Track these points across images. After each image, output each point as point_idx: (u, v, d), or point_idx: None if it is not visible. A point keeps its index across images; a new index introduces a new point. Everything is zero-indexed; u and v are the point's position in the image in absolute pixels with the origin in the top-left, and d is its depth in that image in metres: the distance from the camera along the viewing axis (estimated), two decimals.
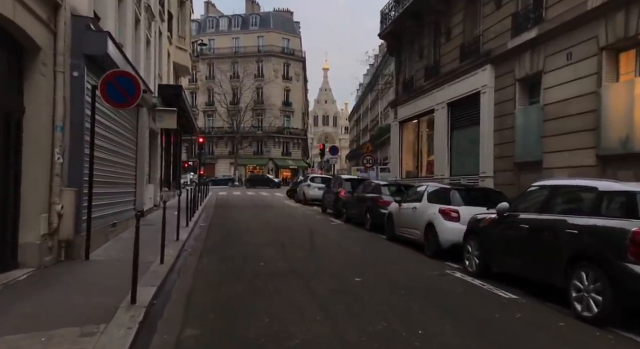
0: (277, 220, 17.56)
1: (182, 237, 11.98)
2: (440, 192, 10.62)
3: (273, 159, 68.53)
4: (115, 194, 11.74)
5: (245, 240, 12.31)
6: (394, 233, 12.30)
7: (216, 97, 67.29)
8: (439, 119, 18.41)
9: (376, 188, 15.07)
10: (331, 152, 32.30)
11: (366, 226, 14.72)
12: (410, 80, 21.90)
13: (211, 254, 10.24)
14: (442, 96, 18.09)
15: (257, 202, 27.73)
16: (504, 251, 7.40)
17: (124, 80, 8.70)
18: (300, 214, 20.66)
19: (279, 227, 15.07)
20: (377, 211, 14.15)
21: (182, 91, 20.44)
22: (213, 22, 74.08)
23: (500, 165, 14.35)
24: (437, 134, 18.62)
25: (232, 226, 15.64)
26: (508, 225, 7.34)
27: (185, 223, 14.51)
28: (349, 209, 16.70)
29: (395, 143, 23.34)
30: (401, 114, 22.63)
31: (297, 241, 12.00)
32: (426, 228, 10.21)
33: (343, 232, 14.40)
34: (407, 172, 22.50)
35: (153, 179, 18.98)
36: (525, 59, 13.08)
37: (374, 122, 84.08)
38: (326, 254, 10.14)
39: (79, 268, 8.00)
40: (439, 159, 18.43)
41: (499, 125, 14.49)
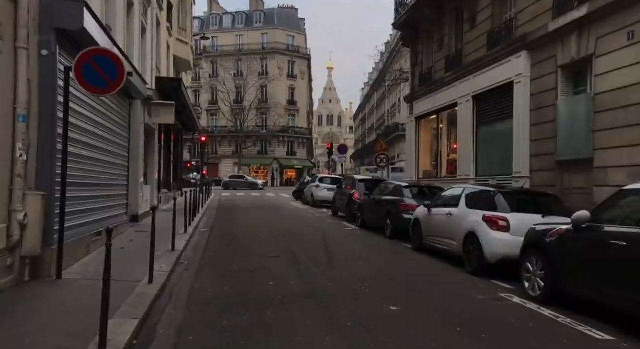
0: (285, 225, 15.97)
1: (178, 247, 10.42)
2: (482, 196, 8.99)
3: (278, 159, 66.97)
4: (100, 197, 10.17)
5: (250, 250, 10.72)
6: (421, 243, 10.68)
7: (220, 95, 65.84)
8: (463, 113, 16.77)
9: (397, 190, 13.45)
10: (339, 152, 30.74)
11: (386, 233, 13.10)
12: (428, 72, 20.27)
13: (211, 269, 8.66)
14: (467, 88, 16.46)
15: (262, 204, 26.16)
16: (587, 273, 5.73)
17: (104, 61, 7.13)
18: (310, 217, 19.06)
19: (287, 234, 13.48)
20: (399, 216, 12.55)
21: (182, 84, 18.88)
22: (216, 19, 72.60)
23: (538, 164, 12.72)
24: (461, 130, 16.98)
25: (235, 231, 14.06)
26: (592, 241, 5.70)
27: (183, 229, 12.98)
28: (365, 213, 15.08)
29: (411, 141, 21.71)
30: (418, 109, 20.99)
31: (310, 252, 10.39)
32: (466, 239, 8.59)
33: (361, 240, 12.79)
34: (425, 172, 20.87)
35: (150, 180, 17.42)
36: (570, 42, 11.44)
37: (381, 120, 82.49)
38: (347, 270, 8.53)
39: (45, 291, 6.42)
40: (462, 158, 16.79)
41: (536, 119, 12.85)
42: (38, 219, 6.80)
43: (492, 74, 14.77)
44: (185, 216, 13.22)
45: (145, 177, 16.99)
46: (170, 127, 24.29)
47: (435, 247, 10.03)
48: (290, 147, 69.68)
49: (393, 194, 13.49)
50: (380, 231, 13.90)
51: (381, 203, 13.81)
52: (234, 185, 46.65)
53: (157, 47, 18.84)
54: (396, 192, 13.33)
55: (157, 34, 18.99)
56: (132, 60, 13.83)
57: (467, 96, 16.43)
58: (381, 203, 13.81)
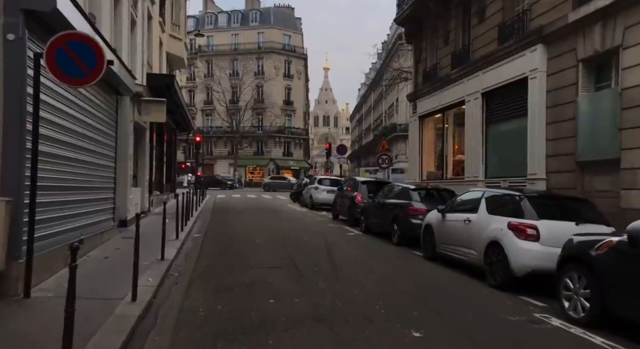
0: (284, 229, 15.05)
1: (168, 256, 9.51)
2: (506, 200, 8.11)
3: (274, 160, 66.00)
4: (82, 202, 9.24)
5: (247, 258, 9.80)
6: (434, 251, 9.79)
7: (215, 95, 64.78)
8: (471, 111, 15.91)
9: (404, 193, 12.56)
10: (338, 152, 29.85)
11: (393, 239, 12.20)
12: (432, 69, 19.41)
13: (203, 283, 7.74)
14: (475, 84, 15.60)
15: (258, 207, 25.21)
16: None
17: (80, 47, 6.21)
18: (309, 221, 18.14)
19: (287, 239, 12.57)
20: (407, 221, 11.66)
21: (175, 81, 17.94)
22: (211, 18, 71.59)
23: (556, 165, 11.87)
24: (469, 129, 16.12)
25: (231, 237, 13.14)
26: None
27: (175, 235, 12.06)
28: (369, 217, 14.18)
29: (414, 141, 20.84)
30: (421, 108, 20.13)
31: (313, 261, 9.47)
32: (488, 249, 7.71)
33: (366, 247, 11.88)
34: (429, 173, 20.00)
35: (140, 182, 16.49)
36: (593, 33, 10.59)
37: (378, 121, 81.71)
38: (357, 284, 7.61)
39: (5, 313, 5.49)
40: (470, 159, 15.92)
41: (553, 116, 12.00)
42: (2, 228, 5.88)
43: (504, 70, 13.92)
44: (177, 220, 12.28)
45: (135, 179, 16.05)
46: (162, 126, 23.35)
47: (451, 257, 9.15)
48: (287, 147, 68.73)
49: (400, 197, 12.60)
50: (385, 236, 13.01)
51: (387, 207, 12.92)
52: (274, 186, 45.75)
53: (148, 42, 17.91)
54: (403, 195, 12.45)
55: (149, 28, 18.06)
56: (121, 54, 12.91)
57: (475, 93, 15.58)
58: (387, 207, 12.92)
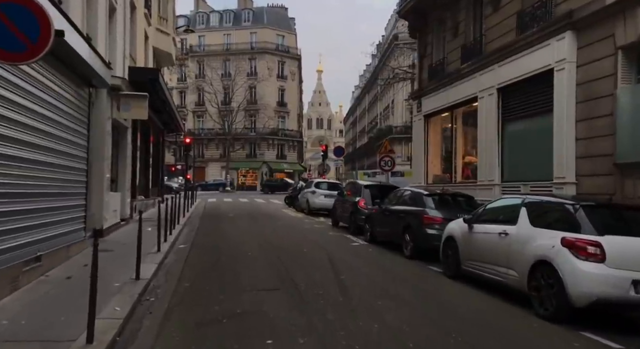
0: (280, 238, 13.57)
1: (145, 274, 8.04)
2: (555, 210, 6.68)
3: (267, 162, 64.40)
4: (41, 211, 7.74)
5: (239, 277, 8.32)
6: (458, 268, 8.34)
7: (206, 96, 63.12)
8: (485, 109, 14.53)
9: (416, 199, 11.12)
10: (335, 154, 28.45)
11: (405, 252, 10.75)
12: (439, 64, 18.03)
13: (184, 313, 6.25)
14: (490, 79, 14.22)
15: (251, 211, 23.69)
16: None
17: (17, 12, 4.74)
18: (307, 228, 16.66)
19: (284, 251, 11.09)
20: (421, 231, 10.23)
21: (161, 76, 16.43)
22: (203, 18, 69.99)
23: (589, 167, 10.48)
24: (482, 128, 14.72)
25: (220, 248, 11.64)
26: None
27: (156, 247, 10.58)
28: (376, 225, 12.73)
29: (418, 142, 19.43)
30: (427, 106, 18.74)
31: (317, 281, 8.00)
32: (534, 269, 6.27)
33: (375, 262, 10.40)
34: (435, 177, 18.60)
35: (121, 186, 14.95)
36: (636, 16, 9.23)
37: (373, 123, 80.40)
38: (374, 314, 6.14)
39: None
40: (484, 160, 14.52)
41: (585, 112, 10.62)
42: None
43: (524, 62, 12.54)
44: (159, 230, 10.77)
45: (114, 183, 14.52)
46: (148, 126, 21.81)
47: (480, 276, 7.71)
48: (280, 150, 67.20)
49: (412, 203, 11.17)
50: (394, 247, 11.58)
51: (396, 215, 11.48)
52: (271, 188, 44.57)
53: (131, 33, 16.41)
54: (416, 202, 11.00)
55: (132, 19, 16.56)
56: (96, 42, 11.43)
57: (490, 88, 14.20)
58: (396, 215, 11.48)
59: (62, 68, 8.71)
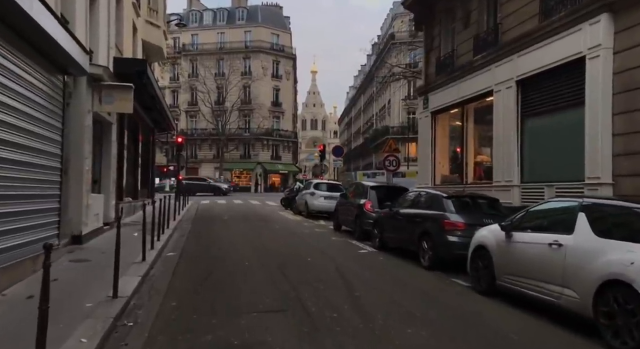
0: (279, 245, 12.34)
1: (124, 291, 6.81)
2: (625, 215, 5.50)
3: (261, 163, 63.12)
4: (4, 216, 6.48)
5: (235, 295, 7.08)
6: (492, 283, 7.13)
7: (199, 96, 61.80)
8: (501, 103, 13.37)
9: (434, 202, 9.89)
10: (335, 154, 27.25)
11: (423, 262, 9.52)
12: (448, 57, 16.86)
13: (169, 345, 5.01)
14: (507, 71, 13.06)
15: (246, 214, 22.41)
16: None
17: None
18: (308, 233, 15.42)
19: (285, 261, 9.84)
20: (441, 239, 9.03)
21: (149, 68, 15.15)
22: (196, 16, 68.69)
23: (628, 166, 9.33)
24: (498, 124, 13.56)
25: (214, 257, 10.39)
26: None
27: (141, 255, 9.34)
28: (386, 231, 11.51)
29: (425, 140, 18.25)
30: (434, 102, 17.57)
31: (327, 299, 6.76)
32: (603, 291, 5.07)
33: (390, 273, 9.12)
34: (443, 177, 17.43)
35: (104, 187, 13.67)
36: None
37: (368, 124, 79.27)
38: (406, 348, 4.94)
39: None
40: (500, 160, 13.36)
41: (624, 105, 9.47)
42: None
43: (549, 51, 11.39)
44: (144, 235, 9.52)
45: (97, 184, 13.25)
46: (137, 123, 20.54)
47: (522, 293, 6.50)
48: (275, 150, 65.90)
49: (429, 206, 9.96)
50: (408, 255, 10.39)
51: (411, 219, 10.26)
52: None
53: (117, 23, 15.12)
54: (434, 205, 9.79)
55: (118, 7, 15.27)
56: (73, 26, 10.17)
57: (507, 81, 13.04)
58: (411, 219, 10.26)
59: (31, 51, 7.47)
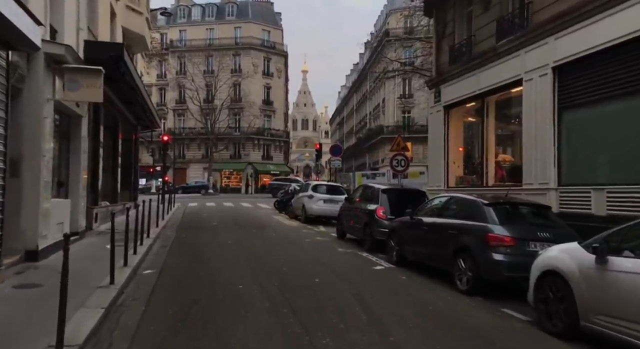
0: (279, 259, 10.44)
1: (77, 336, 4.98)
2: None
3: (252, 164, 61.09)
4: None
5: (226, 340, 5.21)
6: (575, 323, 5.29)
7: (188, 93, 59.58)
8: (533, 93, 11.60)
9: (471, 209, 8.04)
10: (332, 153, 25.41)
11: (459, 285, 7.67)
12: (465, 44, 15.09)
13: None
14: (541, 56, 11.30)
15: (237, 219, 20.47)
16: None
17: None
18: (309, 242, 13.54)
19: (290, 284, 7.97)
20: (485, 257, 7.20)
21: (127, 54, 13.17)
22: (185, 12, 66.48)
23: None
24: (529, 117, 11.80)
25: (200, 279, 8.48)
26: None
27: (109, 277, 7.49)
28: (406, 243, 9.65)
29: (437, 138, 16.46)
30: (448, 95, 15.80)
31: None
32: None
33: (422, 302, 7.15)
34: (458, 179, 15.66)
35: (73, 190, 11.71)
36: None
37: (362, 123, 77.45)
38: None
39: None
40: (532, 158, 11.59)
41: None
42: None
43: (598, 29, 9.63)
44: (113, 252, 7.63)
45: (63, 187, 11.30)
46: (117, 119, 18.56)
47: (630, 344, 4.70)
48: (266, 150, 63.87)
49: (464, 215, 8.13)
50: (435, 273, 8.59)
51: (441, 231, 8.42)
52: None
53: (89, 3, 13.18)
54: (471, 213, 7.95)
55: None
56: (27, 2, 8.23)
57: (542, 67, 11.28)
58: (441, 231, 8.42)
59: None
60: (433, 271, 8.83)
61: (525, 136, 11.97)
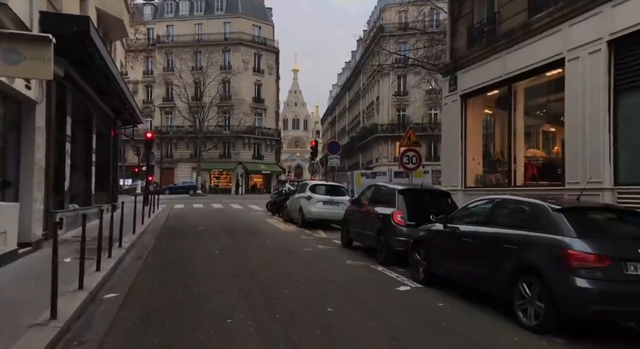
0: (279, 277, 8.43)
1: None
2: None
3: (242, 163, 58.93)
4: None
5: None
6: None
7: (175, 90, 57.31)
8: (580, 74, 9.70)
9: (536, 216, 6.04)
10: (330, 151, 23.45)
11: (523, 318, 5.63)
12: (486, 24, 13.19)
13: None
14: (592, 29, 9.40)
15: (226, 223, 18.40)
16: None
17: None
18: (311, 253, 11.50)
19: (296, 316, 6.00)
20: (563, 282, 5.24)
21: (96, 30, 11.05)
22: (172, 6, 64.20)
23: None
24: (573, 103, 9.90)
25: (177, 306, 6.46)
26: None
27: (52, 309, 5.48)
28: (440, 259, 7.61)
29: (452, 130, 14.52)
30: (466, 82, 13.89)
31: None
32: None
33: (480, 346, 5.28)
34: (478, 178, 13.75)
35: (24, 192, 9.62)
36: None
37: (355, 122, 75.54)
38: None
39: None
40: (577, 152, 9.70)
41: None
42: None
43: None
44: (54, 276, 5.59)
45: (10, 188, 9.23)
46: (90, 112, 16.44)
47: None
48: (257, 150, 61.69)
49: (524, 224, 6.15)
50: (482, 299, 6.66)
51: (491, 244, 6.44)
52: None
53: None
54: (536, 222, 5.96)
55: None
56: None
57: (592, 43, 9.38)
58: (491, 244, 6.44)
59: None
60: (476, 295, 6.90)
61: (568, 126, 10.07)
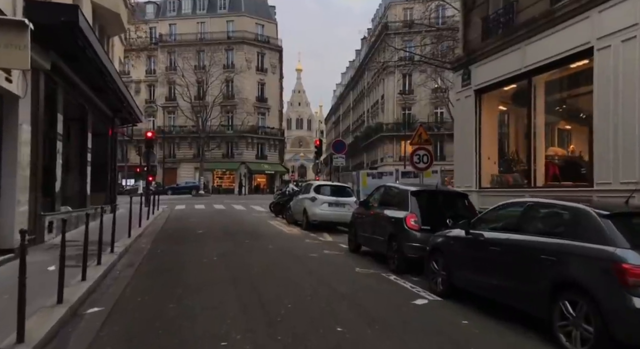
0: (283, 288, 7.65)
1: None
2: None
3: (246, 163, 58.20)
4: None
5: None
6: None
7: (178, 90, 56.62)
8: (611, 65, 8.88)
9: (581, 222, 5.24)
10: (335, 150, 22.67)
11: (566, 342, 4.79)
12: (502, 14, 12.37)
13: None
14: (626, 15, 8.58)
15: (227, 226, 17.63)
16: None
17: None
18: (316, 259, 10.69)
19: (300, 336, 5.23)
20: (617, 302, 4.42)
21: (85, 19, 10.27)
22: (174, 5, 63.47)
23: None
24: (605, 96, 9.08)
25: (166, 327, 5.67)
26: None
27: (18, 331, 4.69)
28: (462, 269, 6.75)
29: (466, 128, 13.71)
30: (481, 76, 13.08)
31: None
32: None
33: None
34: (494, 178, 12.94)
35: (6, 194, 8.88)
36: None
37: (359, 121, 74.68)
38: None
39: None
40: (607, 151, 8.89)
41: None
42: None
43: None
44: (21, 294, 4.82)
45: None
46: (85, 109, 15.71)
47: None
48: (260, 149, 60.92)
49: (562, 232, 5.36)
50: (512, 316, 5.86)
51: (524, 254, 5.63)
52: None
53: None
54: (577, 230, 5.15)
55: None
56: None
57: (627, 29, 8.54)
58: (524, 254, 5.63)
59: None
60: (503, 310, 6.10)
61: (597, 121, 9.25)
